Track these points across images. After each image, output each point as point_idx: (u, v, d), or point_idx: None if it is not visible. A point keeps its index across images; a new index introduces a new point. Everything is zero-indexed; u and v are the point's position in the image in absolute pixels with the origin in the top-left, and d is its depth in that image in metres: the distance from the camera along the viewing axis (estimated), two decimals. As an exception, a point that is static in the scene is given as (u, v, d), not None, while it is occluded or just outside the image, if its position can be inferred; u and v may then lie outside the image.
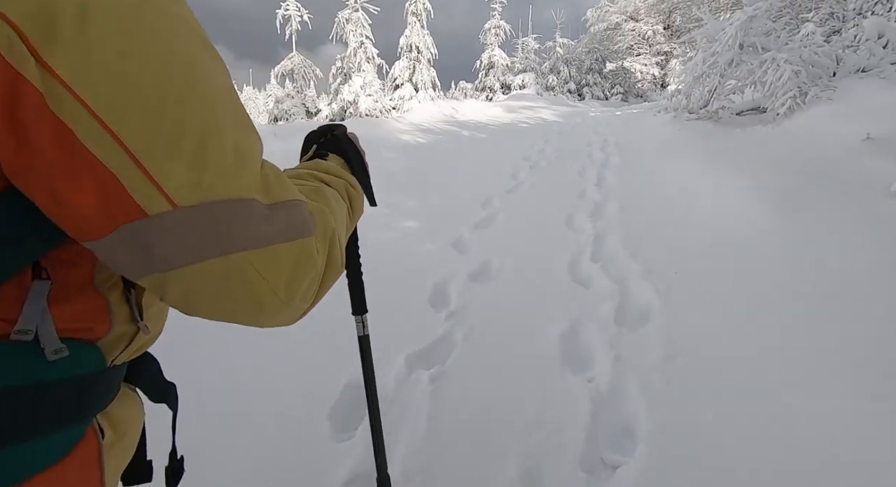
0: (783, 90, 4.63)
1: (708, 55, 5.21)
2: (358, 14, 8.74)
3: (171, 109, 0.29)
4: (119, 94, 0.28)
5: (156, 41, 0.29)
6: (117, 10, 0.28)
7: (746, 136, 4.70)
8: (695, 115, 5.80)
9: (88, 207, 0.29)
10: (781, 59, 4.45)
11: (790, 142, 3.92)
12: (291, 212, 0.38)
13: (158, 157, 0.29)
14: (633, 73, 21.58)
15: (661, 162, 4.30)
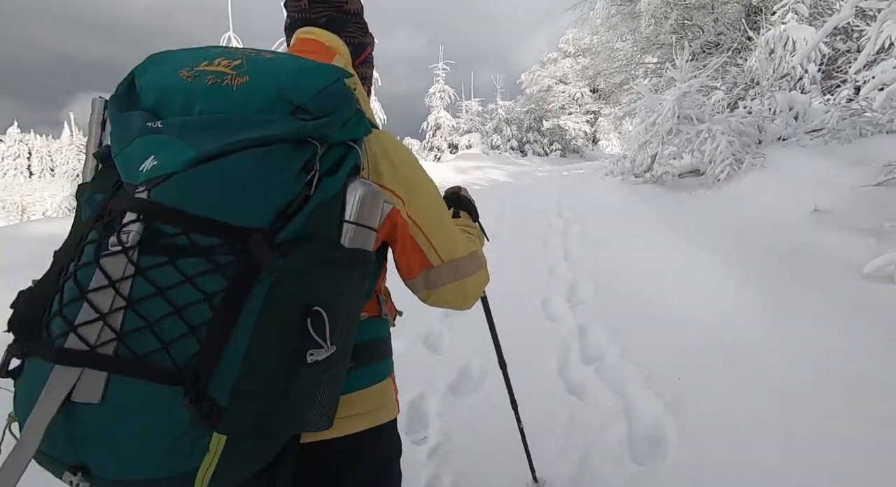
0: (720, 158, 4.91)
1: (649, 124, 5.50)
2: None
3: (441, 224, 0.72)
4: (429, 219, 0.70)
5: (434, 194, 0.73)
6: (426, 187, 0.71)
7: (695, 202, 4.88)
8: (640, 179, 6.03)
9: (414, 265, 0.71)
10: (717, 131, 4.74)
11: (740, 210, 4.06)
12: (475, 258, 0.79)
13: (438, 244, 0.71)
14: (568, 131, 23.11)
15: (624, 233, 4.29)
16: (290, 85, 0.53)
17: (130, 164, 0.52)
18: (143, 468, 0.45)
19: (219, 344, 0.46)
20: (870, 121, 4.82)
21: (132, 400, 0.45)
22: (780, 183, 4.24)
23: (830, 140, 4.88)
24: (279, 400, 0.49)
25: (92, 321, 0.46)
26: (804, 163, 4.41)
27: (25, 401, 0.47)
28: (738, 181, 4.79)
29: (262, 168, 0.50)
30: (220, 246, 0.47)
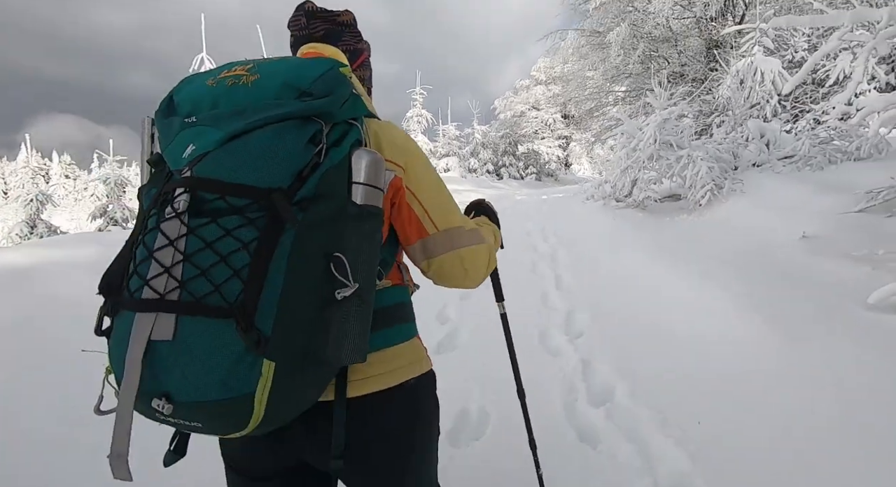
0: (701, 183, 4.97)
1: (630, 150, 5.56)
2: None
3: (437, 194, 0.78)
4: (425, 193, 0.76)
5: (430, 169, 0.79)
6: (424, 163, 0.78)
7: (680, 226, 4.89)
8: (622, 204, 6.05)
9: (411, 233, 0.77)
10: (697, 157, 4.81)
11: (727, 235, 4.06)
12: (475, 233, 0.84)
13: (433, 212, 0.77)
14: (542, 155, 23.59)
15: (614, 258, 4.22)
16: (293, 75, 0.66)
17: (175, 155, 0.64)
18: (211, 390, 0.55)
19: (258, 281, 0.55)
20: (838, 148, 5.01)
21: (196, 334, 0.55)
22: (761, 208, 4.29)
23: (803, 167, 5.04)
24: (316, 331, 0.59)
25: (159, 274, 0.57)
26: (782, 189, 4.50)
27: (117, 349, 0.59)
28: (719, 206, 4.84)
29: (278, 139, 0.61)
30: (250, 205, 0.58)
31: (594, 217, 5.87)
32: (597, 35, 14.91)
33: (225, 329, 0.55)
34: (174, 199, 0.60)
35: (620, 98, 16.20)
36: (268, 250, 0.56)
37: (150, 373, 0.56)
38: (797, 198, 4.12)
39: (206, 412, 0.56)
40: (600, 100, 17.36)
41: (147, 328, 0.56)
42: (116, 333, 0.60)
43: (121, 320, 0.60)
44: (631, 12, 13.39)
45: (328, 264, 0.59)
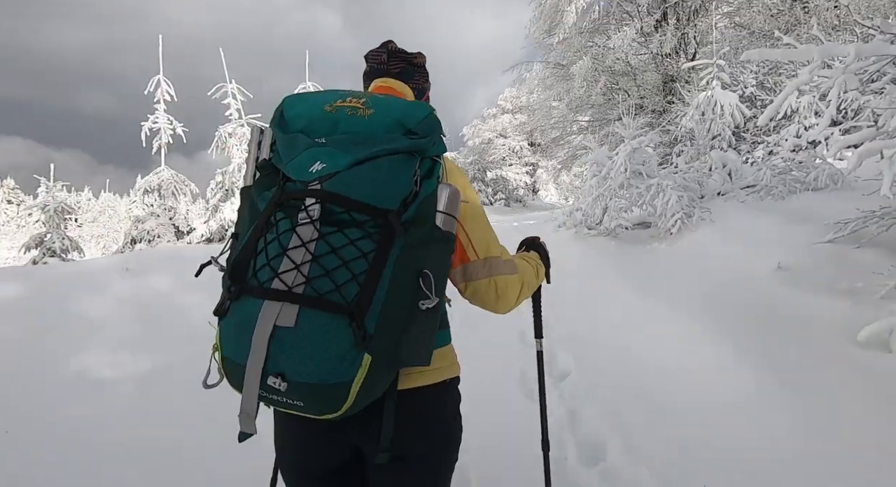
0: (671, 212, 4.99)
1: (601, 179, 5.56)
2: (243, 129, 8.14)
3: (482, 226, 0.89)
4: (470, 220, 0.87)
5: (477, 204, 0.90)
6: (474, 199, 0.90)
7: (653, 256, 4.85)
8: (594, 232, 6.01)
9: (455, 258, 0.86)
10: (667, 186, 4.83)
11: (701, 266, 4.02)
12: (510, 264, 0.93)
13: (476, 242, 0.87)
14: (510, 181, 23.93)
15: (591, 293, 4.09)
16: (403, 115, 0.77)
17: (302, 167, 0.73)
18: (321, 373, 0.64)
19: (372, 286, 0.66)
20: (796, 178, 5.18)
21: (315, 325, 0.64)
22: (732, 238, 4.30)
23: (765, 196, 5.16)
24: (404, 334, 0.70)
25: (290, 270, 0.66)
26: (749, 219, 4.55)
27: (236, 330, 0.68)
28: (689, 234, 4.85)
29: (393, 169, 0.73)
30: (369, 222, 0.69)
31: (568, 246, 5.79)
32: (560, 67, 15.47)
33: (339, 323, 0.64)
34: (307, 207, 0.69)
35: (584, 127, 16.75)
36: (381, 261, 0.67)
37: (271, 354, 0.64)
38: (766, 228, 4.15)
39: (312, 393, 0.64)
40: (565, 128, 17.89)
41: (274, 314, 0.64)
42: (238, 316, 0.67)
43: (244, 305, 0.67)
44: (592, 47, 14.01)
45: (418, 278, 0.70)
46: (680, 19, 13.09)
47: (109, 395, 2.68)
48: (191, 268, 3.39)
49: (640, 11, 13.46)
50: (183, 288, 4.81)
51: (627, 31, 12.75)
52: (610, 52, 13.67)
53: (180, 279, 5.05)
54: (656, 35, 13.03)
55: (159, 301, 4.36)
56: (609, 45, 13.45)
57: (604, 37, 14.05)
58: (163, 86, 7.98)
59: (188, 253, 5.93)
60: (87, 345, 3.24)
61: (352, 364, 0.63)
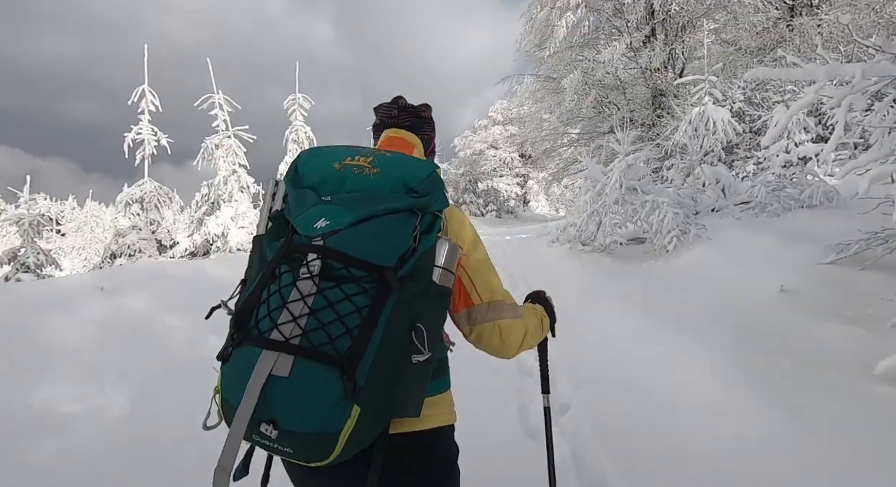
0: (667, 228, 4.90)
1: (595, 194, 5.47)
2: (230, 141, 7.93)
3: (486, 271, 0.91)
4: (474, 269, 0.90)
5: (481, 249, 0.92)
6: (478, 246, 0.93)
7: (651, 275, 4.74)
8: (589, 248, 5.91)
9: (459, 302, 0.90)
10: (663, 202, 4.75)
11: (701, 286, 3.92)
12: (514, 308, 0.95)
13: (480, 286, 0.90)
14: (501, 192, 23.92)
15: (588, 313, 3.95)
16: (406, 174, 0.82)
17: (308, 223, 0.77)
18: (311, 423, 0.66)
19: (364, 341, 0.68)
20: (790, 195, 5.14)
21: (308, 375, 0.66)
22: (731, 257, 4.22)
23: (760, 213, 5.11)
24: (394, 387, 0.71)
25: (288, 322, 0.69)
26: (747, 237, 4.47)
27: (236, 375, 0.70)
28: (686, 252, 4.76)
29: (393, 227, 0.76)
30: (365, 277, 0.72)
31: (563, 263, 5.67)
32: (551, 80, 15.56)
33: (331, 375, 0.66)
34: (309, 262, 0.72)
35: (575, 139, 16.82)
36: (374, 317, 0.69)
37: (264, 401, 0.66)
38: (764, 246, 4.07)
39: (302, 441, 0.67)
40: (555, 141, 17.96)
41: (270, 363, 0.67)
42: (238, 362, 0.71)
43: (244, 352, 0.70)
44: (582, 61, 14.12)
45: (411, 332, 0.73)
46: (668, 35, 13.28)
47: (74, 435, 2.45)
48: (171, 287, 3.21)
49: (629, 27, 13.63)
50: (162, 309, 4.57)
51: (617, 46, 12.87)
52: (600, 66, 13.79)
53: (159, 299, 4.81)
54: (645, 50, 13.18)
55: (135, 324, 4.12)
56: (599, 59, 13.57)
57: (593, 51, 14.19)
58: (148, 97, 7.76)
59: (170, 269, 5.69)
60: (52, 376, 3.00)
61: (340, 415, 0.65)
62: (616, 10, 13.87)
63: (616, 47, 12.84)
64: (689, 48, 12.95)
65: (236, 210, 7.39)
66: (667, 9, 12.67)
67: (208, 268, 5.86)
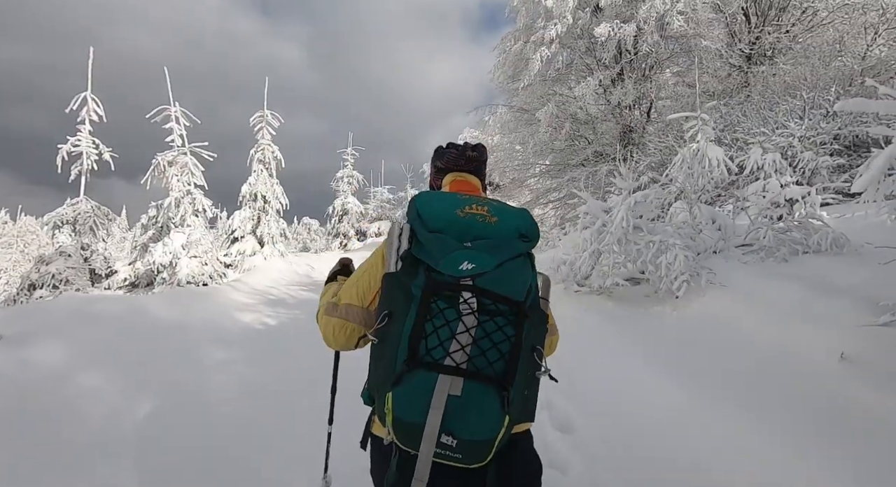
0: (676, 272, 4.45)
1: (595, 232, 4.99)
2: (186, 158, 6.94)
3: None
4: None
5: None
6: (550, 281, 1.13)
7: (662, 322, 4.24)
8: (585, 289, 5.39)
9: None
10: (674, 244, 4.31)
11: (727, 340, 3.42)
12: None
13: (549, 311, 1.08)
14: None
15: (600, 366, 3.35)
16: (518, 223, 1.01)
17: (455, 264, 0.90)
18: (481, 432, 0.82)
19: (514, 363, 0.85)
20: (793, 239, 4.87)
21: (476, 394, 0.82)
22: (754, 307, 3.78)
23: (766, 257, 4.79)
24: (527, 398, 0.92)
25: (457, 351, 0.84)
26: (761, 284, 4.08)
27: (413, 395, 0.83)
28: (697, 298, 4.31)
29: (520, 269, 0.95)
30: (509, 311, 0.88)
31: (561, 306, 5.09)
32: (524, 112, 15.52)
33: (492, 392, 0.82)
34: (467, 300, 0.87)
35: (546, 171, 16.78)
36: (519, 342, 0.86)
37: (444, 418, 0.81)
38: (791, 298, 3.65)
39: (472, 447, 0.81)
40: (526, 171, 17.88)
41: (447, 385, 0.82)
42: (415, 386, 0.83)
43: (419, 377, 0.83)
44: (555, 95, 14.16)
45: (533, 353, 0.90)
46: (637, 74, 13.56)
47: None
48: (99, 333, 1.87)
49: (599, 65, 13.84)
50: (81, 364, 3.56)
51: (590, 81, 12.96)
52: (573, 100, 13.85)
53: (80, 350, 3.78)
54: (617, 88, 13.36)
55: (39, 389, 3.11)
56: (572, 94, 13.63)
57: (566, 86, 14.30)
58: (90, 105, 6.69)
59: (99, 309, 4.62)
60: None
61: (499, 424, 0.82)
62: (588, 47, 14.09)
63: (589, 82, 12.92)
64: (656, 88, 13.26)
65: (188, 236, 6.33)
66: (637, 49, 12.96)
67: (150, 307, 4.84)
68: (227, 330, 4.59)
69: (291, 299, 6.10)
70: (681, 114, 6.39)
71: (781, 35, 12.68)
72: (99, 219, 6.57)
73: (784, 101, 9.97)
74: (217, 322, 4.70)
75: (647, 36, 12.31)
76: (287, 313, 5.38)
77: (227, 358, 4.04)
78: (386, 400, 0.82)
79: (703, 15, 12.26)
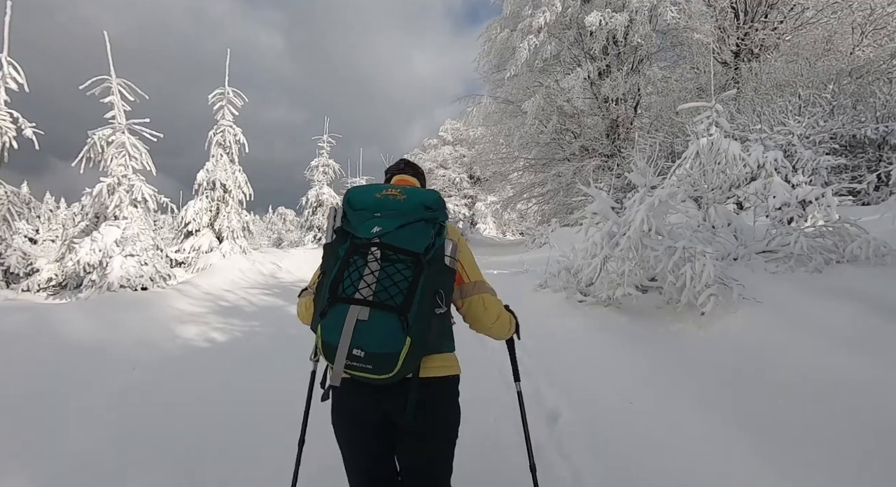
0: (703, 284, 3.73)
1: (605, 234, 4.22)
2: (124, 137, 5.74)
3: (471, 259, 1.39)
4: (464, 261, 1.35)
5: (467, 250, 1.39)
6: (464, 242, 1.37)
7: (687, 344, 3.50)
8: (591, 298, 4.62)
9: (456, 282, 1.32)
10: (704, 253, 3.58)
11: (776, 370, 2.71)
12: (491, 288, 1.40)
13: (468, 271, 1.36)
14: (450, 213, 22.75)
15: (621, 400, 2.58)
16: (423, 199, 1.26)
17: (368, 229, 1.18)
18: (383, 346, 1.05)
19: (411, 296, 1.08)
20: (823, 246, 4.25)
21: (380, 318, 1.06)
22: (799, 332, 3.07)
23: (797, 267, 4.15)
24: (428, 329, 1.11)
25: (363, 287, 1.09)
26: (806, 302, 3.38)
27: (333, 323, 1.08)
28: (726, 316, 3.59)
29: (420, 230, 1.19)
30: (408, 259, 1.12)
31: (562, 319, 4.32)
32: (510, 104, 14.69)
33: (392, 318, 1.05)
34: (373, 251, 1.12)
35: (530, 165, 16.03)
36: (416, 281, 1.10)
37: (354, 336, 1.05)
38: (849, 322, 2.96)
39: (378, 359, 1.05)
40: (509, 165, 17.09)
41: (356, 313, 1.06)
42: (334, 315, 1.08)
43: (336, 309, 1.08)
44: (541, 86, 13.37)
45: (435, 294, 1.14)
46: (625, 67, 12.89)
47: None
48: None
49: (587, 56, 13.10)
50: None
51: (580, 72, 12.20)
52: (560, 92, 13.09)
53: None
54: (605, 81, 12.65)
55: None
56: (560, 85, 12.86)
57: (552, 78, 13.52)
58: (6, 69, 5.42)
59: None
60: None
61: (400, 342, 1.04)
62: (577, 38, 13.31)
63: (578, 74, 12.16)
64: (645, 82, 12.63)
65: (124, 231, 5.17)
66: (627, 41, 12.26)
67: (62, 319, 3.77)
68: (160, 350, 3.61)
69: (249, 306, 5.10)
70: (692, 105, 5.65)
71: (769, 32, 12.22)
72: (16, 206, 5.32)
73: (780, 98, 9.44)
74: (149, 340, 3.71)
75: (638, 26, 11.62)
76: (241, 325, 4.39)
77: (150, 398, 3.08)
78: (318, 332, 1.10)
79: (695, 7, 11.66)
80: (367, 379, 1.08)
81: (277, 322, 4.59)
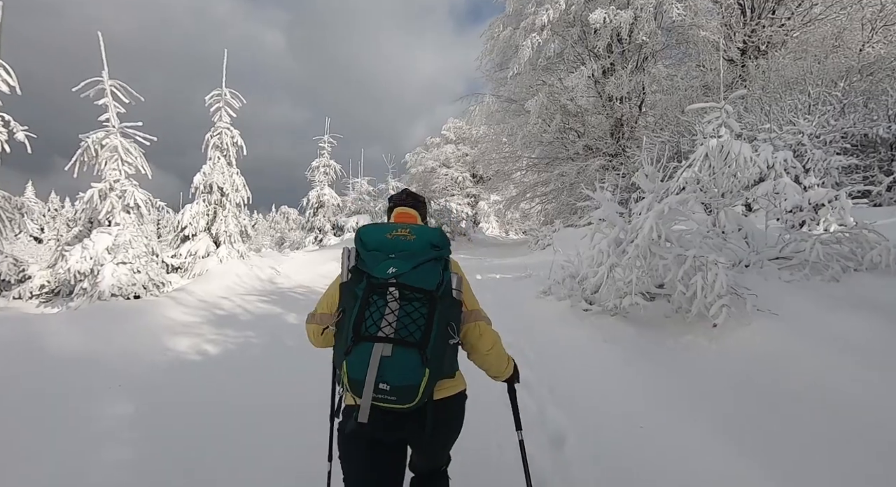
0: (715, 294, 3.55)
1: (612, 241, 4.04)
2: (117, 141, 5.60)
3: (470, 291, 1.51)
4: (466, 292, 1.47)
5: (466, 280, 1.49)
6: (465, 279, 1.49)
7: (698, 358, 3.33)
8: (596, 307, 4.44)
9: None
10: (717, 262, 3.39)
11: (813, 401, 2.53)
12: (487, 317, 1.52)
13: (467, 301, 1.47)
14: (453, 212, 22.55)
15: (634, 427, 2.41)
16: (431, 238, 1.40)
17: (384, 270, 1.29)
18: (405, 378, 1.17)
19: (429, 332, 1.21)
20: (839, 253, 4.06)
21: (402, 355, 1.18)
22: (820, 347, 2.89)
23: (812, 275, 3.96)
24: (442, 358, 1.25)
25: (385, 326, 1.21)
26: (825, 315, 3.19)
27: (359, 360, 1.18)
28: (739, 328, 3.41)
29: (431, 269, 1.32)
30: (423, 297, 1.25)
31: (566, 329, 4.14)
32: (512, 103, 14.47)
33: (413, 352, 1.18)
34: (392, 292, 1.24)
35: (533, 164, 15.83)
36: (431, 318, 1.23)
37: (379, 372, 1.16)
38: (875, 337, 2.79)
39: (401, 391, 1.16)
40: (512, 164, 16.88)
41: (380, 350, 1.18)
42: (359, 353, 1.19)
43: (361, 347, 1.19)
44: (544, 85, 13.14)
45: (447, 327, 1.28)
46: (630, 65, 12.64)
47: None
48: None
49: (591, 54, 12.86)
50: None
51: (583, 71, 11.96)
52: (564, 91, 12.86)
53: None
54: (610, 79, 12.41)
55: None
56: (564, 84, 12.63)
57: (556, 77, 13.29)
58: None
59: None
60: None
61: (420, 374, 1.17)
62: (580, 36, 13.07)
63: (582, 72, 11.93)
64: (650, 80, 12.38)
65: (116, 238, 5.03)
66: (632, 39, 12.01)
67: (48, 331, 3.64)
68: (150, 365, 3.47)
69: (245, 314, 4.95)
70: (700, 105, 5.43)
71: (777, 29, 11.93)
72: (7, 212, 5.19)
73: (789, 96, 9.18)
74: (138, 353, 3.56)
75: (643, 23, 11.37)
76: (236, 336, 4.24)
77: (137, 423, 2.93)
78: (342, 368, 1.20)
79: (701, 4, 11.40)
80: (390, 409, 1.20)
81: (274, 331, 4.44)
